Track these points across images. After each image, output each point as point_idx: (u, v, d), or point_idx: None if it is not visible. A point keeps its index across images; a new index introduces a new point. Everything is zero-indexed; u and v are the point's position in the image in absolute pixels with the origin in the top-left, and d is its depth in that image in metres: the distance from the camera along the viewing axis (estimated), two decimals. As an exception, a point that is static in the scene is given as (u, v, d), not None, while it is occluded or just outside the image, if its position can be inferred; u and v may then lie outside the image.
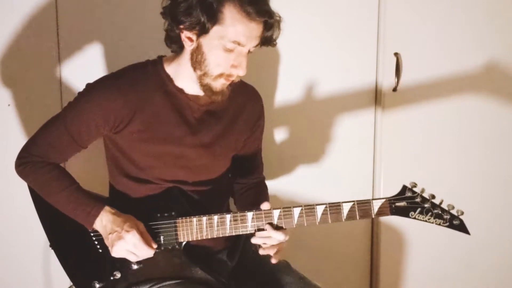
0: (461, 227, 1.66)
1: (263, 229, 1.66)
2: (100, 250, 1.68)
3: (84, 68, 1.99)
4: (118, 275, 1.67)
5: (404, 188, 1.64)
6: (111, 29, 2.01)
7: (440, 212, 1.64)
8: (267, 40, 1.64)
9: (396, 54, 2.18)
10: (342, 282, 2.35)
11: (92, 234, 1.68)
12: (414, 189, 1.63)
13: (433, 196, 1.64)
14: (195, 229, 1.66)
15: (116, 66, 1.74)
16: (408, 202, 1.64)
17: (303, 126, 2.23)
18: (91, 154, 1.90)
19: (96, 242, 1.68)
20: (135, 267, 1.66)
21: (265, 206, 1.66)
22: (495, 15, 2.27)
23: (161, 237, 1.67)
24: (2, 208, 2.04)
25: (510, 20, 2.29)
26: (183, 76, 1.67)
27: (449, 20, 2.24)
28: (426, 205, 1.63)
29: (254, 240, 1.68)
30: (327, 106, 2.22)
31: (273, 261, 1.72)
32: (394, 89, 2.20)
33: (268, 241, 1.67)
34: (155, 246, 1.64)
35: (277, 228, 1.65)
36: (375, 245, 2.33)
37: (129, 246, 1.60)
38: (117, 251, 1.62)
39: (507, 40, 2.30)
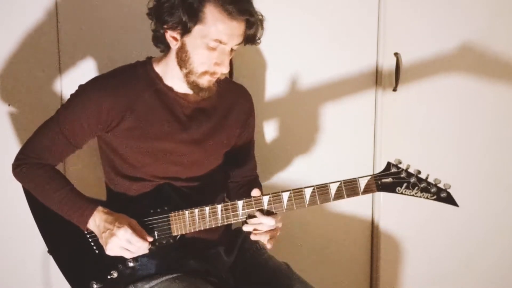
0: (449, 200, 1.65)
1: (254, 216, 1.67)
2: (97, 251, 1.69)
3: (84, 69, 2.00)
4: (115, 274, 1.68)
5: (389, 164, 1.65)
6: (111, 30, 2.03)
7: (426, 185, 1.64)
8: (250, 39, 1.68)
9: (396, 54, 2.18)
10: (342, 282, 2.33)
11: (88, 236, 1.70)
12: (399, 165, 1.64)
13: (418, 172, 1.64)
14: (188, 221, 1.68)
15: (117, 67, 1.77)
16: (394, 177, 1.64)
17: (303, 126, 2.24)
18: (89, 155, 1.94)
19: (92, 244, 1.70)
20: (131, 264, 1.67)
21: (254, 192, 1.68)
22: (496, 15, 2.26)
23: (155, 232, 1.68)
24: (2, 209, 2.06)
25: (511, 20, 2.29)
26: (171, 75, 1.71)
27: (449, 20, 2.23)
28: (412, 180, 1.63)
29: (245, 228, 1.69)
30: (326, 105, 2.22)
31: (268, 246, 1.73)
32: (394, 89, 2.20)
33: (259, 227, 1.68)
34: (150, 239, 1.65)
35: (268, 213, 1.67)
36: (375, 246, 2.32)
37: (122, 242, 1.62)
38: (111, 249, 1.63)
39: (508, 38, 2.29)
